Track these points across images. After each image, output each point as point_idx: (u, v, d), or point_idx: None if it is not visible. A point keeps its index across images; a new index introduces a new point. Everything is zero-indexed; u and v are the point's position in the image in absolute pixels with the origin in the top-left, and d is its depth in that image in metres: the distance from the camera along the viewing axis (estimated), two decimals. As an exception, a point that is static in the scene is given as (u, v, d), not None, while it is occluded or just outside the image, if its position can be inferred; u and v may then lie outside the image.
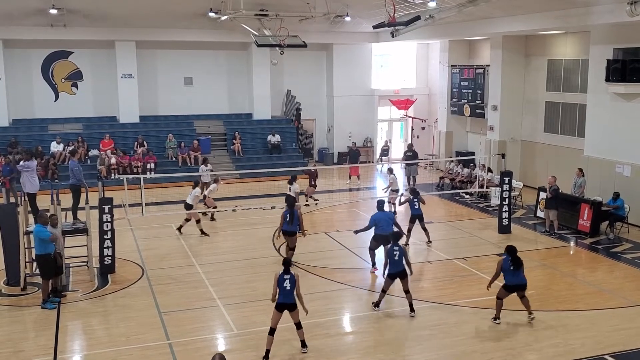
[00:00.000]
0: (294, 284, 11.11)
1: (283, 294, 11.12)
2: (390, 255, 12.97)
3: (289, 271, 11.18)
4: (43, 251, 13.62)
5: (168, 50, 30.76)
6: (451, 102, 30.68)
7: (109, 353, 11.55)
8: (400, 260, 12.98)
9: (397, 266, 12.97)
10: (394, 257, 12.95)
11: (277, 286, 11.09)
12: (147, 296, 14.41)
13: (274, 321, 11.21)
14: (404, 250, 13.14)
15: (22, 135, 28.27)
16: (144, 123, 30.45)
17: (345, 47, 32.57)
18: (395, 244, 13.08)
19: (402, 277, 13.04)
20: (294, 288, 11.12)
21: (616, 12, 17.81)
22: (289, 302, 11.15)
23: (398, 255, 12.96)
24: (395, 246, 13.05)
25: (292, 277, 11.13)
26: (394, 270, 12.98)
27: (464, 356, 11.38)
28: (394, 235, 13.41)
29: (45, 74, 29.64)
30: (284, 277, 11.13)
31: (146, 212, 18.24)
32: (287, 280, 11.10)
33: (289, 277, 11.11)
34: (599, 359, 11.25)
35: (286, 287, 11.09)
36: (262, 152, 30.79)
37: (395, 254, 12.95)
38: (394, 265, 12.97)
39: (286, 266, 11.25)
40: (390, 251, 13.01)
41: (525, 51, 26.62)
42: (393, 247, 13.04)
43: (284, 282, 11.10)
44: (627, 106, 20.64)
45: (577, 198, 20.23)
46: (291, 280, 11.11)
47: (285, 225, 15.99)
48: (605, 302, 14.00)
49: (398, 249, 13.03)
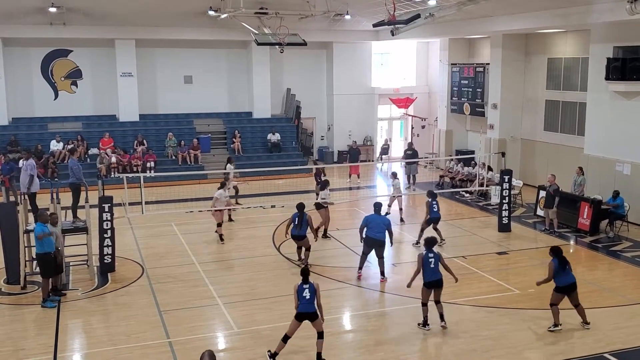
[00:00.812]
0: (313, 293, 10.93)
1: (303, 303, 10.91)
2: (426, 263, 12.35)
3: (307, 280, 10.99)
4: (43, 250, 13.61)
5: (168, 49, 30.74)
6: (451, 101, 30.68)
7: (109, 352, 11.55)
8: (436, 268, 12.36)
9: (434, 274, 12.36)
10: (429, 265, 12.32)
11: (297, 296, 10.93)
12: (147, 295, 14.41)
13: (291, 330, 11.00)
14: (439, 257, 12.48)
15: (22, 133, 28.26)
16: (144, 122, 30.45)
17: (345, 46, 32.55)
18: (430, 251, 12.46)
19: (437, 287, 12.45)
20: (314, 297, 10.93)
21: (616, 11, 17.80)
22: (310, 311, 10.92)
23: (434, 263, 12.34)
24: (430, 253, 12.42)
25: (312, 286, 10.96)
26: (431, 278, 12.34)
27: (464, 354, 11.38)
28: (428, 241, 12.69)
29: (45, 73, 29.62)
30: (303, 286, 10.94)
31: (146, 211, 18.22)
32: (307, 290, 10.92)
33: (308, 287, 10.93)
34: (599, 357, 11.26)
35: (306, 297, 10.90)
36: (262, 150, 30.78)
37: (430, 261, 12.33)
38: (430, 274, 12.33)
39: (305, 276, 11.06)
40: (425, 258, 12.38)
41: (526, 49, 26.61)
42: (428, 254, 12.43)
43: (303, 292, 10.91)
44: (627, 105, 20.62)
45: (577, 196, 20.24)
46: (310, 289, 10.93)
47: (294, 229, 15.87)
48: (605, 300, 14.01)
49: (433, 255, 12.38)
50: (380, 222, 15.18)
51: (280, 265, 16.26)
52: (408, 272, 16.22)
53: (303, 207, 15.95)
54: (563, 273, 12.19)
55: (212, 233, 19.46)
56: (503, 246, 18.08)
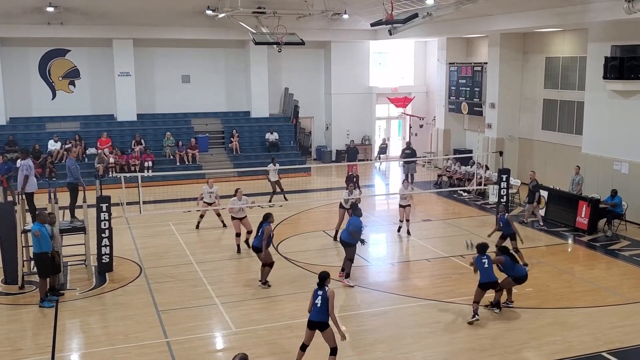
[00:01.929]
0: (325, 301, 10.20)
1: (315, 310, 10.28)
2: (479, 264, 12.72)
3: (322, 286, 10.34)
4: (40, 249, 13.59)
5: (165, 48, 30.72)
6: (449, 100, 30.70)
7: (107, 351, 11.53)
8: (490, 269, 12.65)
9: (488, 276, 12.66)
10: (483, 266, 12.67)
11: (311, 302, 10.42)
12: (145, 294, 14.40)
13: (306, 338, 10.52)
14: (491, 259, 12.81)
15: (20, 133, 28.22)
16: (142, 121, 30.43)
17: (343, 45, 32.54)
18: (483, 254, 12.78)
19: (494, 288, 12.83)
20: (326, 306, 10.20)
21: (614, 10, 17.80)
22: (319, 320, 10.27)
23: (487, 263, 12.67)
24: (484, 256, 12.75)
25: (325, 293, 10.25)
26: (486, 280, 12.64)
27: (462, 353, 11.39)
28: (481, 247, 12.93)
29: (43, 72, 29.59)
30: (317, 292, 10.33)
31: (144, 211, 18.18)
32: (320, 297, 10.26)
33: (321, 294, 10.26)
34: (597, 356, 11.26)
35: (317, 304, 10.25)
36: (260, 150, 30.76)
37: (484, 262, 12.71)
38: (485, 275, 12.64)
39: (320, 280, 10.41)
40: (478, 261, 12.77)
41: (523, 49, 26.63)
42: (481, 257, 12.76)
43: (316, 299, 10.29)
44: (624, 103, 20.64)
45: (575, 195, 20.26)
46: (323, 297, 10.23)
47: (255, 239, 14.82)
48: (603, 299, 14.01)
49: (486, 257, 12.73)
50: (348, 223, 15.08)
51: (278, 265, 16.22)
52: (407, 273, 16.29)
53: (265, 217, 14.68)
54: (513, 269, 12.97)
55: (211, 233, 19.50)
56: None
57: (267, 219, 14.63)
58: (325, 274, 10.53)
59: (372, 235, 19.29)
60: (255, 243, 14.64)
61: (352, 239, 14.80)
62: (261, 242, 14.41)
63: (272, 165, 23.46)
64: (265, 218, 14.64)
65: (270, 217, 14.74)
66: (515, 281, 13.12)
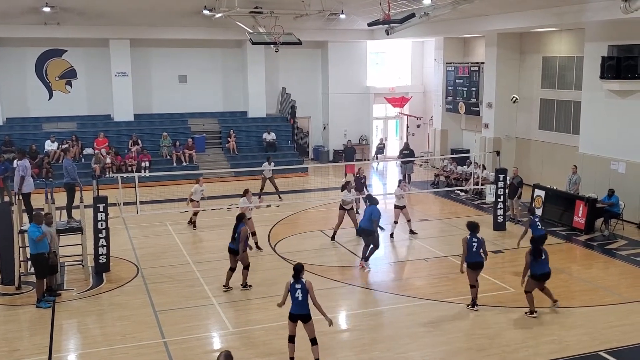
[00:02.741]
0: (305, 293, 10.39)
1: (295, 304, 10.43)
2: (469, 246, 13.08)
3: (299, 279, 10.46)
4: (37, 250, 13.56)
5: (162, 48, 30.70)
6: (446, 100, 30.70)
7: (104, 352, 11.51)
8: (478, 252, 13.08)
9: (474, 257, 13.09)
10: (472, 249, 13.07)
11: (290, 296, 10.49)
12: (142, 295, 14.38)
13: (290, 330, 10.64)
14: (482, 242, 13.14)
15: (16, 134, 28.18)
16: (138, 121, 30.40)
17: (340, 45, 32.54)
18: (475, 236, 13.13)
19: (481, 268, 13.22)
20: (306, 297, 10.37)
21: (611, 9, 17.81)
22: (302, 312, 10.44)
23: (476, 247, 13.08)
24: (475, 238, 13.11)
25: (304, 286, 10.41)
26: (471, 260, 13.10)
27: (459, 353, 11.38)
28: (471, 225, 13.30)
29: (39, 73, 29.56)
30: (295, 286, 10.44)
31: (141, 211, 18.18)
32: (299, 290, 10.38)
33: (300, 287, 10.40)
34: (594, 355, 11.27)
35: (298, 297, 10.39)
36: (257, 150, 30.73)
37: (473, 245, 13.07)
38: (471, 256, 13.09)
39: (296, 273, 10.51)
40: (469, 242, 13.10)
41: (520, 48, 26.64)
42: (472, 238, 13.12)
43: (295, 292, 10.40)
44: (621, 103, 20.66)
45: (572, 195, 20.27)
46: (303, 289, 10.39)
47: (231, 242, 14.54)
48: (601, 299, 14.03)
49: (477, 240, 13.09)
50: (367, 213, 15.92)
51: (275, 265, 16.23)
52: (404, 273, 16.29)
53: (240, 218, 14.54)
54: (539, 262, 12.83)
55: (209, 232, 19.48)
56: (498, 245, 18.08)
57: (242, 219, 14.48)
58: (300, 266, 10.64)
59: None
60: (233, 245, 14.39)
61: (373, 227, 15.67)
62: (238, 245, 14.20)
63: (267, 165, 23.46)
64: (240, 219, 14.45)
65: (244, 218, 14.69)
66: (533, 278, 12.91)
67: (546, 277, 12.92)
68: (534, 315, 12.82)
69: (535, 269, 12.79)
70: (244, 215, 14.72)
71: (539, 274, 12.80)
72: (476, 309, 13.16)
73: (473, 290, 13.26)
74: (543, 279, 12.89)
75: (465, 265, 13.12)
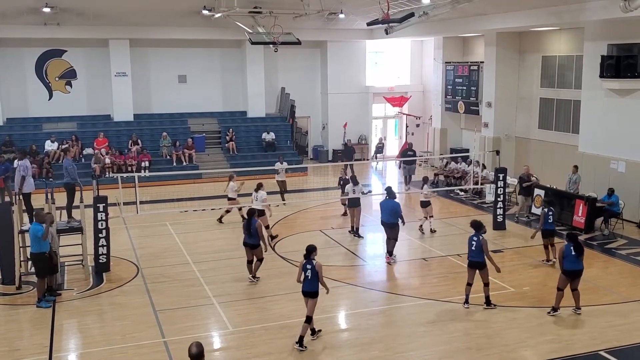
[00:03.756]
0: (315, 273, 11.41)
1: (306, 282, 11.50)
2: (469, 244, 13.17)
3: (310, 259, 11.50)
4: (38, 249, 13.58)
5: (162, 48, 30.70)
6: (445, 99, 30.71)
7: (104, 351, 11.53)
8: (477, 251, 13.02)
9: (472, 256, 13.15)
10: (471, 247, 13.13)
11: (302, 272, 11.54)
12: (142, 294, 14.39)
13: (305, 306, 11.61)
14: (482, 242, 13.02)
15: (16, 134, 28.19)
16: (138, 121, 30.41)
17: (339, 45, 32.55)
18: (475, 235, 13.13)
19: (479, 268, 13.13)
20: (315, 277, 11.42)
21: (610, 8, 17.82)
22: (309, 290, 11.50)
23: (475, 246, 13.06)
24: (475, 236, 13.12)
25: (314, 267, 11.44)
26: (469, 258, 13.22)
27: (459, 353, 11.39)
28: (475, 225, 13.32)
29: (39, 73, 29.56)
30: (307, 266, 11.50)
31: (141, 211, 18.19)
32: (309, 270, 11.45)
33: (310, 267, 11.46)
34: (594, 354, 11.28)
35: (308, 276, 11.46)
36: (256, 149, 30.75)
37: (472, 243, 13.10)
38: (470, 255, 13.20)
39: (307, 253, 11.57)
40: (469, 240, 13.19)
41: (520, 48, 26.65)
42: (472, 236, 13.17)
43: (306, 271, 11.47)
44: (621, 102, 20.67)
45: (572, 194, 20.28)
46: (312, 270, 11.43)
47: (246, 236, 14.93)
48: (600, 298, 14.04)
49: (477, 239, 13.06)
50: (388, 207, 16.36)
51: (274, 265, 16.24)
52: (403, 272, 16.29)
53: (251, 214, 15.04)
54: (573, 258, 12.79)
55: (207, 231, 19.50)
56: (498, 244, 18.09)
57: (253, 214, 15.01)
58: (311, 247, 11.71)
59: (369, 235, 19.33)
60: (250, 240, 14.81)
61: (395, 220, 16.17)
62: (256, 239, 14.73)
63: (279, 164, 23.52)
64: (251, 214, 15.01)
65: (256, 212, 15.38)
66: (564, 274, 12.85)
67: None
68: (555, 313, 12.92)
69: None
70: (254, 211, 15.43)
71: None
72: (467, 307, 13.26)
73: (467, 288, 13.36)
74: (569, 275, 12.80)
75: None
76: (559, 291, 12.86)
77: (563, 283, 12.84)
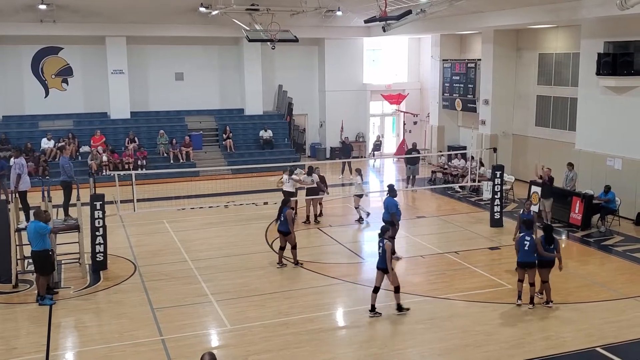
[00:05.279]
0: (384, 252, 12.48)
1: (379, 257, 12.70)
2: (521, 244, 13.10)
3: (381, 238, 12.65)
4: (42, 247, 13.55)
5: (159, 46, 30.65)
6: (443, 97, 30.70)
7: (102, 350, 11.51)
8: (530, 251, 12.93)
9: (526, 256, 13.01)
10: (523, 247, 13.04)
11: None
12: (139, 292, 14.37)
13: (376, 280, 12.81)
14: (535, 243, 12.94)
15: (12, 132, 28.13)
16: (135, 119, 30.36)
17: (337, 42, 32.53)
18: (528, 234, 13.05)
19: (529, 267, 13.07)
20: (384, 255, 12.45)
21: (607, 6, 17.83)
22: (380, 266, 12.65)
23: (528, 246, 12.96)
24: (527, 236, 13.04)
25: (383, 246, 12.51)
26: (522, 259, 13.09)
27: (457, 350, 11.40)
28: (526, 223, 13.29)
29: (35, 70, 29.49)
30: (379, 244, 12.65)
31: (138, 209, 18.18)
32: (381, 248, 12.59)
33: (382, 245, 12.58)
34: (591, 351, 11.30)
35: (380, 253, 12.67)
36: (254, 147, 30.74)
37: (525, 243, 13.02)
38: (522, 255, 13.06)
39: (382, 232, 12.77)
40: (521, 240, 13.15)
41: (517, 45, 26.66)
42: (525, 236, 13.08)
43: (379, 249, 12.70)
44: (617, 100, 20.70)
45: (568, 191, 20.29)
46: (382, 248, 12.55)
47: (280, 224, 15.95)
48: (597, 294, 14.06)
49: (529, 239, 12.99)
50: (386, 204, 16.61)
51: (273, 263, 16.23)
52: (401, 269, 16.31)
53: (285, 202, 16.26)
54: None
55: (205, 231, 19.48)
56: (495, 241, 18.12)
57: (286, 203, 16.15)
58: (385, 227, 12.97)
59: (366, 232, 19.34)
60: (282, 228, 15.76)
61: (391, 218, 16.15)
62: (286, 226, 15.63)
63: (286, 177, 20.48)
64: (285, 203, 16.16)
65: (289, 202, 16.62)
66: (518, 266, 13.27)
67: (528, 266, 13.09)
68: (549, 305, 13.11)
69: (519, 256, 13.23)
70: (288, 200, 16.76)
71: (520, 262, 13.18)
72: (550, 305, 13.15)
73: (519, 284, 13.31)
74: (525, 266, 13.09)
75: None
76: (518, 282, 13.30)
77: (520, 274, 13.26)
